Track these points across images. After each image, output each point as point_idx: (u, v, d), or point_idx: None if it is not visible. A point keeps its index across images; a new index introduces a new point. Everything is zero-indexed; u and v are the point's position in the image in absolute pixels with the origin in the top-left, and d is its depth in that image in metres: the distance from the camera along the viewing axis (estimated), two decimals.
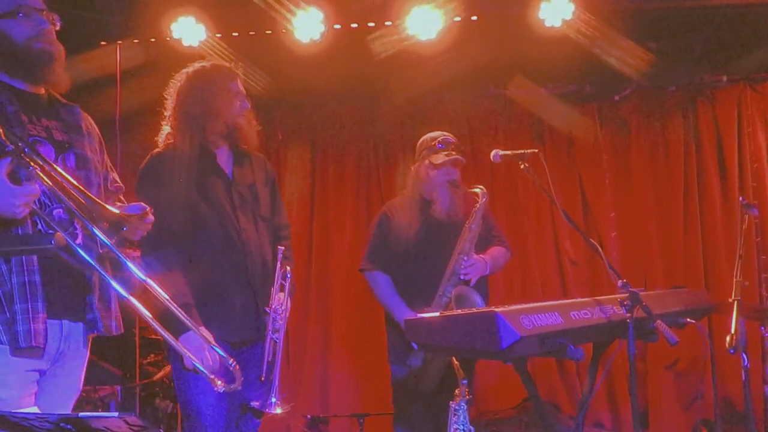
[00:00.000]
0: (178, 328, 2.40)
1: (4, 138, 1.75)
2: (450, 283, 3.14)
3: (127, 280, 1.88)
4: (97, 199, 1.83)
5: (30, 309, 1.88)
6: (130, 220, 1.88)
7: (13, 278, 1.88)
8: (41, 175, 1.79)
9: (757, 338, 3.79)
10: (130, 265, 1.83)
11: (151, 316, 1.87)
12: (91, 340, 2.11)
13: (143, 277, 1.84)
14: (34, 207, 1.83)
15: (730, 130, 4.90)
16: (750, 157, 4.85)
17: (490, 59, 4.64)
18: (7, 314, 1.87)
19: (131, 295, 1.84)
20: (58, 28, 2.09)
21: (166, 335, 1.96)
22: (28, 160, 1.78)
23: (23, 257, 1.88)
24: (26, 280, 1.89)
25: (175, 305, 1.96)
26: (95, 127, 2.24)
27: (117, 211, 1.83)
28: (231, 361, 2.02)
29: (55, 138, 2.04)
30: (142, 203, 2.02)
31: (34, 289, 1.90)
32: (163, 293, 1.89)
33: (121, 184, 2.29)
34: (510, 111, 5.20)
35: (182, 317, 1.95)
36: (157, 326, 1.90)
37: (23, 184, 1.80)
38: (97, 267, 1.84)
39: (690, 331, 2.71)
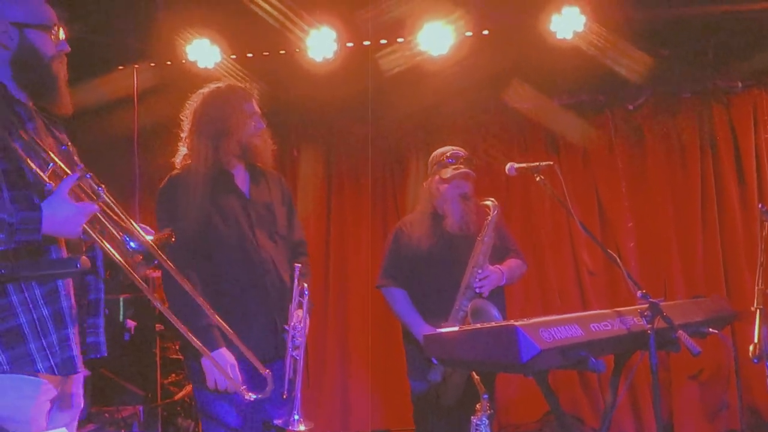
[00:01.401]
0: (204, 347, 2.43)
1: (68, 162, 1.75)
2: (465, 296, 3.13)
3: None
4: (135, 225, 1.83)
5: (75, 334, 1.87)
6: (169, 243, 1.88)
7: (62, 302, 1.85)
8: (100, 196, 1.78)
9: None
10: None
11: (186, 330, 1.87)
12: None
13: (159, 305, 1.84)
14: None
15: (746, 135, 4.86)
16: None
17: (503, 72, 4.66)
18: (58, 338, 1.84)
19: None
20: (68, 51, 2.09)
21: (196, 344, 1.96)
22: (92, 179, 1.78)
23: (61, 281, 1.86)
24: (72, 303, 1.88)
25: (197, 323, 1.97)
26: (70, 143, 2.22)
27: (150, 240, 1.83)
28: (266, 371, 2.01)
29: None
30: (147, 227, 1.99)
31: (73, 314, 1.88)
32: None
33: None
34: (524, 123, 5.20)
35: (209, 335, 1.95)
36: (194, 341, 1.90)
37: (85, 202, 1.79)
38: (142, 285, 1.83)
39: (713, 340, 2.69)
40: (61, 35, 2.03)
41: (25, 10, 1.96)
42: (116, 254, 1.82)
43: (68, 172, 1.81)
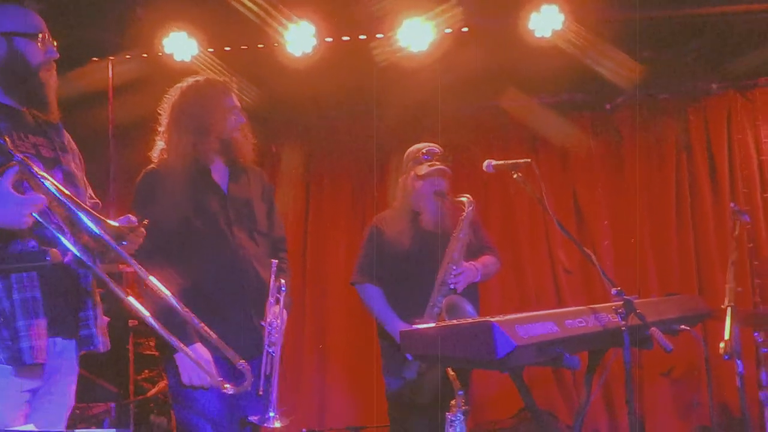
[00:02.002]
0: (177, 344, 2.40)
1: (12, 148, 1.76)
2: (440, 293, 3.14)
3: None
4: (97, 214, 1.83)
5: (34, 325, 1.87)
6: (129, 234, 1.87)
7: (14, 294, 1.86)
8: (47, 186, 1.78)
9: (751, 344, 3.79)
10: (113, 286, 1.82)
11: (157, 325, 1.86)
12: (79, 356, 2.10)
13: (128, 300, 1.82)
14: (39, 219, 1.81)
15: (720, 137, 4.93)
16: (740, 163, 4.87)
17: (483, 70, 4.66)
18: (9, 331, 1.85)
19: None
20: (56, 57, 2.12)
21: (174, 341, 1.95)
22: (35, 170, 1.77)
23: (24, 273, 1.87)
24: (28, 296, 1.88)
25: (172, 318, 1.95)
26: (74, 143, 2.26)
27: (116, 224, 1.83)
28: (241, 362, 2.02)
29: (43, 155, 2.04)
30: (130, 216, 2.01)
31: (36, 306, 1.88)
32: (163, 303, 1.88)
33: (98, 200, 2.28)
34: (503, 121, 5.22)
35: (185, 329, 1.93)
36: (163, 332, 1.89)
37: (27, 194, 1.78)
38: (104, 276, 1.82)
39: (685, 338, 2.72)
40: (49, 42, 2.07)
41: (12, 19, 2.02)
42: (73, 248, 1.81)
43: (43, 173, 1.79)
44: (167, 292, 1.90)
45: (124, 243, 1.82)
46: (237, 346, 2.52)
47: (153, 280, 1.88)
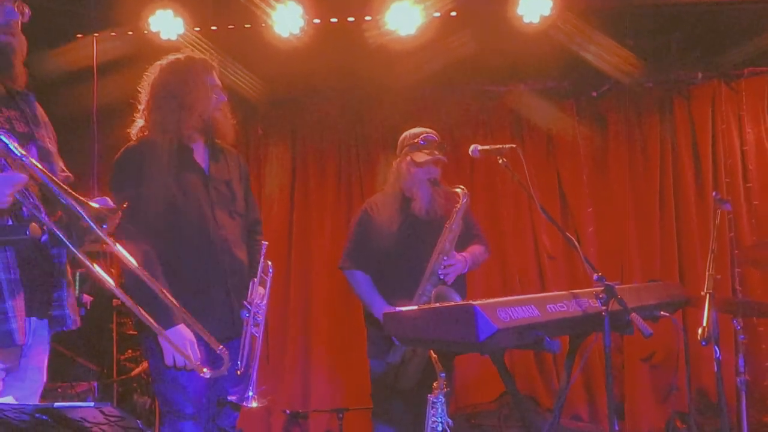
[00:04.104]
0: (161, 324, 2.40)
1: None
2: (430, 282, 3.15)
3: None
4: (78, 196, 1.80)
5: (18, 306, 1.85)
6: (109, 216, 1.85)
7: (0, 275, 1.83)
8: (27, 165, 1.74)
9: (729, 331, 3.85)
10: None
11: (135, 305, 1.85)
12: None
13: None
14: (17, 197, 1.77)
15: (704, 126, 4.97)
16: (724, 153, 4.92)
17: (470, 55, 4.66)
18: None
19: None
20: (26, 19, 2.01)
21: (152, 323, 1.94)
22: (14, 147, 1.72)
23: (8, 253, 1.83)
24: (12, 277, 1.85)
25: (155, 300, 1.95)
26: (45, 115, 2.16)
27: (97, 206, 1.80)
28: (220, 347, 2.01)
29: (17, 129, 1.97)
30: (107, 199, 1.95)
31: (18, 287, 1.86)
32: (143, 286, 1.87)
33: (69, 173, 2.20)
34: (490, 106, 5.23)
35: (167, 311, 1.93)
36: (141, 315, 1.88)
37: (7, 172, 1.74)
38: (79, 254, 1.80)
39: (665, 325, 2.76)
40: (10, 2, 1.96)
41: None
42: (51, 226, 1.79)
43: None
44: (142, 272, 1.87)
45: (104, 226, 1.79)
46: (216, 327, 2.52)
47: (134, 262, 1.86)
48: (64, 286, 2.03)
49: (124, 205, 1.89)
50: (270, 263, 2.66)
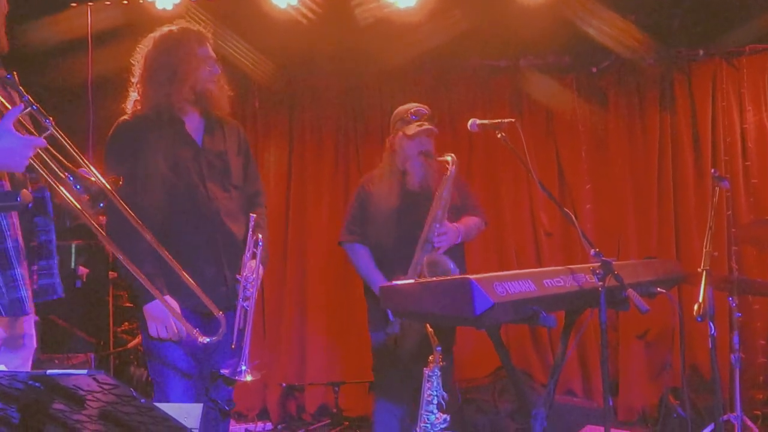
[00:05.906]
0: (143, 298, 2.41)
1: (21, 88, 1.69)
2: (424, 250, 3.17)
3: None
4: (77, 171, 1.79)
5: (24, 275, 1.84)
6: (106, 192, 1.84)
7: (7, 242, 1.81)
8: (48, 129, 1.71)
9: (725, 309, 3.87)
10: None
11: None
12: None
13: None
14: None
15: (704, 103, 4.93)
16: (723, 131, 4.89)
17: (470, 29, 4.60)
18: (5, 279, 1.81)
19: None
20: None
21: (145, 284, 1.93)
22: (39, 112, 1.71)
23: (13, 220, 1.82)
24: (18, 245, 1.83)
25: (141, 274, 1.94)
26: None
27: (95, 181, 1.79)
28: (220, 313, 2.01)
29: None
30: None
31: (14, 256, 1.85)
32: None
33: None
34: (489, 81, 5.18)
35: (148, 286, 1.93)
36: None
37: (27, 136, 1.72)
38: (97, 229, 1.78)
39: (661, 301, 2.75)
40: None
41: None
42: (66, 193, 1.77)
43: (8, 106, 1.74)
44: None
45: (101, 205, 1.78)
46: (209, 298, 2.54)
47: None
48: (53, 254, 2.02)
49: (120, 183, 1.88)
50: (260, 236, 2.64)
